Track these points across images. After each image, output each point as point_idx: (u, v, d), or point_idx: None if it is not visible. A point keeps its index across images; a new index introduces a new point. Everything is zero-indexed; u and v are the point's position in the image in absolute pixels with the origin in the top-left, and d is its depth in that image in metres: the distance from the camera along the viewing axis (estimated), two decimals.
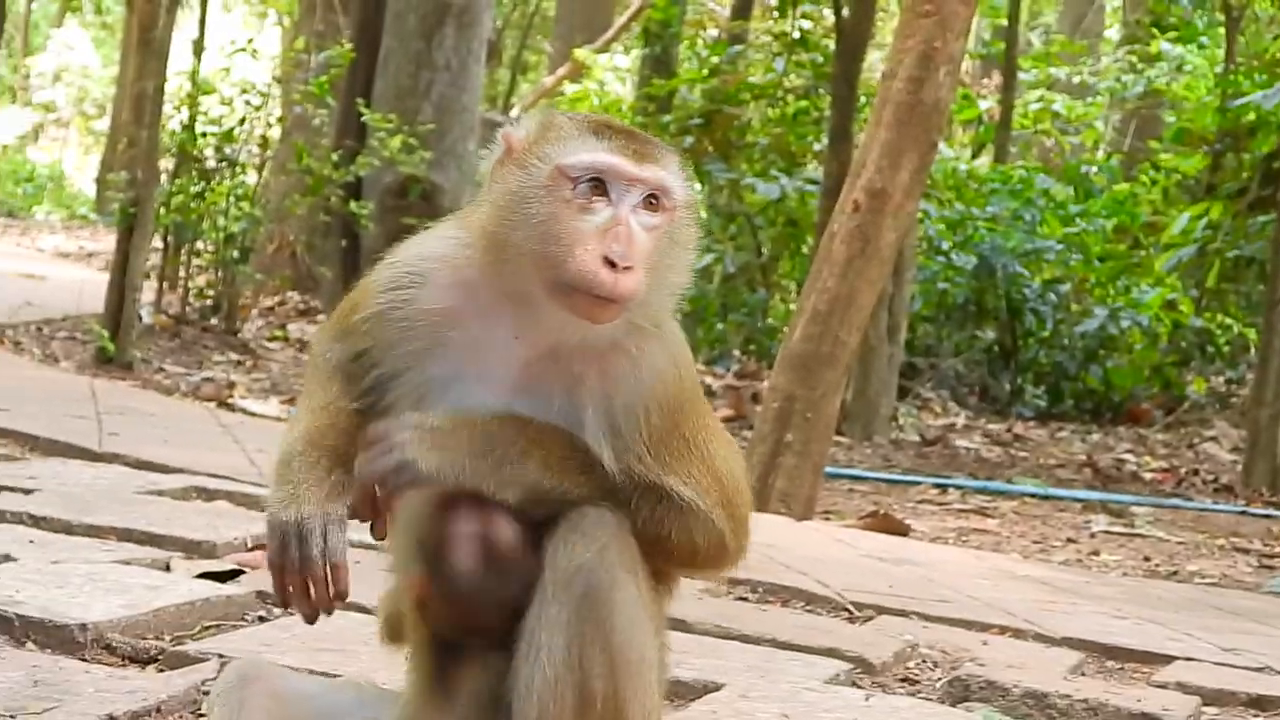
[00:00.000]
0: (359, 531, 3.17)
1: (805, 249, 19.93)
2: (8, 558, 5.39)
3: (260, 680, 3.35)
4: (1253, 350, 19.33)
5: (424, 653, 3.31)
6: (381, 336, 3.28)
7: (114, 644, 4.61)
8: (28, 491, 6.57)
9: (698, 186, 23.77)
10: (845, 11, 15.99)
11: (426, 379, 3.24)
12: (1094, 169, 24.66)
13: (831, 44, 18.68)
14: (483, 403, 3.18)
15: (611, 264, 3.07)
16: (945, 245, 19.87)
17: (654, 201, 3.16)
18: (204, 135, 16.12)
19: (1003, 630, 6.30)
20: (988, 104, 26.97)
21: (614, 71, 33.26)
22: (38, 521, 6.04)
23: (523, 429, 3.16)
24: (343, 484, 3.14)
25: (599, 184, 3.13)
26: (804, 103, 21.57)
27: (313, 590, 3.10)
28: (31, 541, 5.67)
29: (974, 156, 25.96)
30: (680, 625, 5.58)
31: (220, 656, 4.49)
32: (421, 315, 3.26)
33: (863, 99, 17.46)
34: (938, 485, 12.76)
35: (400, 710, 3.34)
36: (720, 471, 3.30)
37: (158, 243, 16.13)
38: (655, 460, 3.23)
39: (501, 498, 3.13)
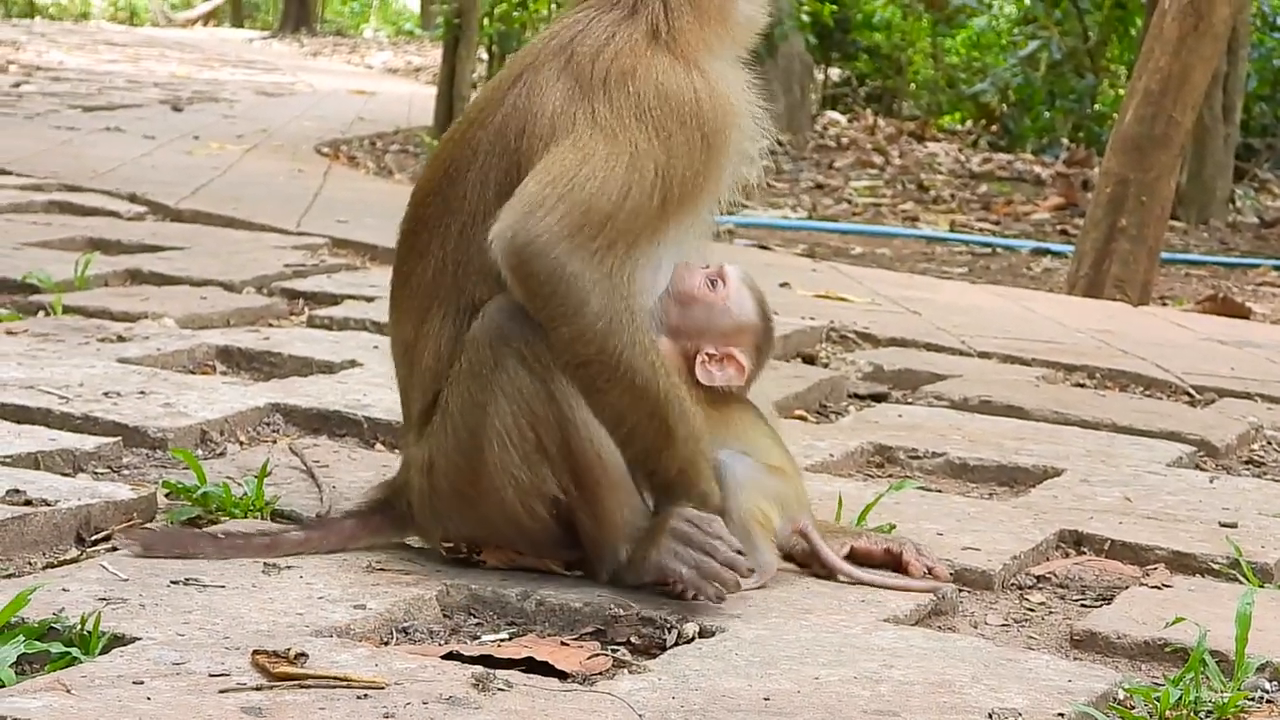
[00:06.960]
0: None
1: (1134, 31, 19.40)
2: (354, 363, 5.55)
3: None
4: None
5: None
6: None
7: None
8: (370, 299, 6.72)
9: None
10: None
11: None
12: None
13: None
14: None
15: None
16: None
17: None
18: None
19: None
20: None
21: None
22: (380, 328, 6.17)
23: None
24: None
25: None
26: None
27: None
28: (375, 347, 5.81)
29: None
30: (1018, 412, 5.56)
31: None
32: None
33: None
34: (1278, 268, 12.43)
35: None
36: None
37: (483, 54, 16.29)
38: None
39: None
